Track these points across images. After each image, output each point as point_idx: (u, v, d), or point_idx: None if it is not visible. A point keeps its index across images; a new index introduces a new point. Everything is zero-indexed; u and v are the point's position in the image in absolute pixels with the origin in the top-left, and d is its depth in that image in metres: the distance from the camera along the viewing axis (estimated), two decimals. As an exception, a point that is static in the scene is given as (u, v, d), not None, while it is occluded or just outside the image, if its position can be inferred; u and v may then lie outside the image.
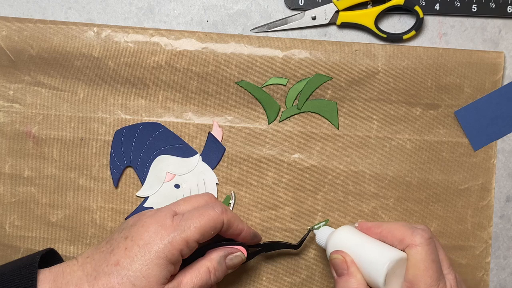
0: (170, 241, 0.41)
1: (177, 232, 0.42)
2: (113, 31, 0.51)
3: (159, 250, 0.41)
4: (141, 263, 0.40)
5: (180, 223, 0.42)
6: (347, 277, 0.43)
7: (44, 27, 0.51)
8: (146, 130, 0.52)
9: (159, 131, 0.52)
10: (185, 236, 0.42)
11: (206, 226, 0.43)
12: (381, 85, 0.51)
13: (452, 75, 0.51)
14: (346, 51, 0.51)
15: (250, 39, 0.51)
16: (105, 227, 0.52)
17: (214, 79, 0.51)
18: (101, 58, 0.51)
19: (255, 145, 0.52)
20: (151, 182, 0.51)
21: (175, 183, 0.51)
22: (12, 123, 0.52)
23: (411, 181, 0.52)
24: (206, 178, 0.51)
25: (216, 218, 0.44)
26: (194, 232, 0.42)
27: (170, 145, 0.52)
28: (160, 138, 0.52)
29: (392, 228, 0.43)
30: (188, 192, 0.51)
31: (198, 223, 0.43)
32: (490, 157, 0.52)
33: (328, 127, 0.52)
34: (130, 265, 0.40)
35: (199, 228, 0.42)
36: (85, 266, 0.42)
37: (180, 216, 0.43)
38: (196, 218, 0.43)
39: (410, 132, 0.52)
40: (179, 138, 0.52)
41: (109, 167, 0.52)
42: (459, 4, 0.52)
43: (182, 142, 0.52)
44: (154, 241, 0.41)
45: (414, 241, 0.41)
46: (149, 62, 0.51)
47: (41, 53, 0.51)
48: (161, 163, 0.51)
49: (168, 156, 0.52)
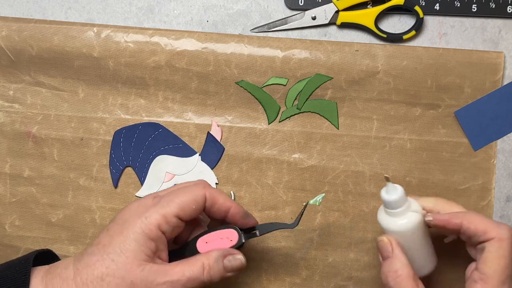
0: (147, 216, 0.42)
1: (156, 208, 0.42)
2: (113, 31, 0.51)
3: (136, 225, 0.41)
4: (119, 239, 0.41)
5: (160, 200, 0.43)
6: (391, 259, 0.43)
7: (44, 27, 0.51)
8: (145, 130, 0.52)
9: (158, 131, 0.52)
10: (164, 211, 0.42)
11: (185, 200, 0.43)
12: (381, 85, 0.51)
13: (452, 75, 0.51)
14: (346, 51, 0.51)
15: (250, 39, 0.51)
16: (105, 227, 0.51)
17: (214, 79, 0.51)
18: (101, 58, 0.51)
19: (255, 145, 0.52)
20: (150, 182, 0.51)
21: (175, 183, 0.51)
22: (12, 123, 0.52)
23: (411, 181, 0.52)
24: (205, 178, 0.51)
25: (197, 192, 0.43)
26: (172, 207, 0.42)
27: (169, 145, 0.52)
28: (159, 138, 0.52)
29: (474, 220, 0.42)
30: None
31: (177, 198, 0.43)
32: (490, 157, 0.52)
33: (328, 127, 0.52)
34: (109, 243, 0.41)
35: (178, 203, 0.42)
36: (76, 255, 0.43)
37: (161, 196, 0.44)
38: (176, 194, 0.43)
39: (410, 132, 0.52)
40: (178, 138, 0.52)
41: (108, 167, 0.52)
42: (459, 4, 0.52)
43: (181, 142, 0.52)
44: (132, 218, 0.42)
45: (501, 234, 0.40)
46: (149, 62, 0.51)
47: (41, 53, 0.51)
48: (160, 163, 0.51)
49: (168, 156, 0.52)
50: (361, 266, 0.52)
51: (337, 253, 0.52)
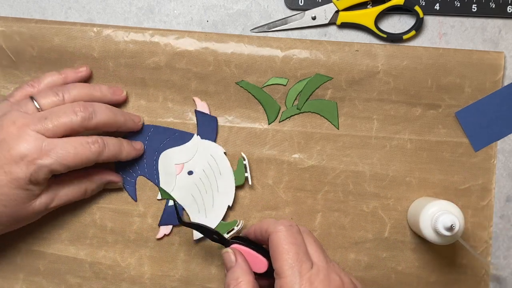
0: (35, 169, 0.43)
1: (45, 162, 0.43)
2: (113, 32, 0.51)
3: (25, 178, 0.43)
4: (9, 188, 0.43)
5: (49, 153, 0.43)
6: (233, 268, 0.43)
7: (44, 28, 0.51)
8: (137, 137, 0.51)
9: (150, 131, 0.52)
10: (53, 168, 0.44)
11: (76, 164, 0.45)
12: (381, 85, 0.51)
13: (452, 75, 0.51)
14: (346, 51, 0.51)
15: (250, 39, 0.51)
16: (105, 227, 0.52)
17: (214, 79, 0.51)
18: (101, 59, 0.51)
19: (255, 145, 0.52)
20: (164, 181, 0.51)
21: (187, 171, 0.51)
22: (12, 123, 0.52)
23: (411, 181, 0.52)
24: (212, 153, 0.51)
25: (90, 160, 0.45)
26: (61, 167, 0.44)
27: (166, 139, 0.51)
28: (154, 138, 0.52)
29: (261, 223, 0.44)
30: (203, 173, 0.51)
31: (69, 161, 0.44)
32: (490, 157, 0.52)
33: (328, 127, 0.52)
34: None
35: (68, 166, 0.44)
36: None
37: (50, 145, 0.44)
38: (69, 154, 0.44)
39: (410, 132, 0.52)
40: (171, 129, 0.51)
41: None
42: (459, 4, 0.52)
43: (175, 131, 0.52)
44: (20, 168, 0.43)
45: (275, 228, 0.42)
46: (149, 63, 0.51)
47: (41, 54, 0.51)
48: (165, 159, 0.51)
49: (170, 150, 0.51)
50: (361, 267, 0.52)
51: (337, 253, 0.52)
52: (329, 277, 0.40)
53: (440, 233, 0.45)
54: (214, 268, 0.51)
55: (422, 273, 0.51)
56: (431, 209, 0.46)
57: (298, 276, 0.39)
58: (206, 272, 0.51)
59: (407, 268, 0.51)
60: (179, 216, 0.47)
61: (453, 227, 0.44)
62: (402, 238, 0.51)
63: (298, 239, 0.42)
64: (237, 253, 0.44)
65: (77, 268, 0.51)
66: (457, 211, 0.46)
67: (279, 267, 0.40)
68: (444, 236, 0.45)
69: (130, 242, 0.51)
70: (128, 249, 0.51)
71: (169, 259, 0.52)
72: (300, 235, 0.43)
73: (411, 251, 0.51)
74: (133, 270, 0.51)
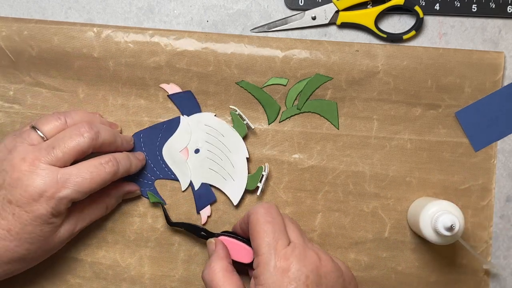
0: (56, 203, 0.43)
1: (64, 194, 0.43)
2: (113, 31, 0.51)
3: (47, 213, 0.43)
4: (33, 226, 0.43)
5: (65, 185, 0.43)
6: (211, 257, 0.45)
7: (44, 27, 0.51)
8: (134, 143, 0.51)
9: (141, 137, 0.52)
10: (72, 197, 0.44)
11: (94, 188, 0.45)
12: (381, 85, 0.51)
13: (452, 75, 0.51)
14: (346, 51, 0.51)
15: (250, 39, 0.51)
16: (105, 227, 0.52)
17: (214, 80, 0.51)
18: (101, 59, 0.51)
19: (255, 145, 0.52)
20: (179, 171, 0.51)
21: (194, 150, 0.51)
22: (12, 123, 0.52)
23: (411, 181, 0.52)
24: (205, 122, 0.51)
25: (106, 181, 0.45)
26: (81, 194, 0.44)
27: (159, 135, 0.51)
28: (148, 141, 0.52)
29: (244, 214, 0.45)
30: (209, 145, 0.51)
31: (86, 186, 0.44)
32: (491, 157, 0.52)
33: (328, 127, 0.52)
34: (23, 230, 0.43)
35: (87, 192, 0.44)
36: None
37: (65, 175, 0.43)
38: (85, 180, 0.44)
39: (410, 132, 0.52)
40: (158, 124, 0.52)
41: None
42: (459, 4, 0.52)
43: (163, 123, 0.52)
44: (41, 205, 0.43)
45: (254, 210, 0.43)
46: (150, 63, 0.51)
47: (41, 54, 0.51)
48: (168, 152, 0.51)
49: (167, 142, 0.51)
50: (362, 267, 0.52)
51: (337, 253, 0.52)
52: (305, 253, 0.41)
53: (440, 233, 0.45)
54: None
55: (422, 273, 0.51)
56: (431, 209, 0.46)
57: (273, 253, 0.40)
58: None
59: (407, 268, 0.51)
60: (168, 218, 0.49)
61: (453, 227, 0.44)
62: (402, 238, 0.52)
63: (276, 218, 0.43)
64: (218, 242, 0.46)
65: (77, 268, 0.51)
66: (457, 211, 0.46)
67: (256, 245, 0.41)
68: (444, 236, 0.45)
69: (130, 242, 0.51)
70: (128, 249, 0.51)
71: (169, 259, 0.51)
72: (279, 215, 0.43)
73: (411, 251, 0.51)
74: (133, 270, 0.51)
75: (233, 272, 0.43)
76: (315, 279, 0.40)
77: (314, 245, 0.43)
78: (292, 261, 0.40)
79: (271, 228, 0.42)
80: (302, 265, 0.40)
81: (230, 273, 0.43)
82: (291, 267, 0.40)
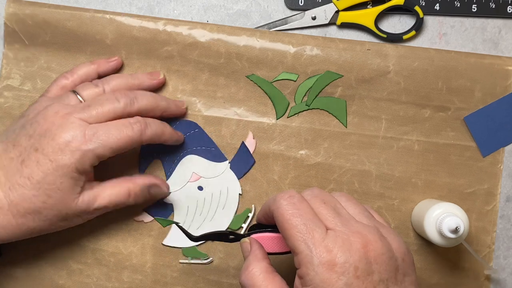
0: (81, 155, 0.43)
1: (89, 147, 0.43)
2: (127, 19, 0.51)
3: (71, 165, 0.43)
4: (54, 177, 0.43)
5: (92, 138, 0.43)
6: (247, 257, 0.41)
7: (58, 12, 0.51)
8: (180, 128, 0.51)
9: (194, 130, 0.51)
10: (98, 152, 0.44)
11: (120, 146, 0.44)
12: (392, 85, 0.51)
13: (463, 78, 0.51)
14: (358, 49, 0.51)
15: (263, 33, 0.51)
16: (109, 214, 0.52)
17: (225, 72, 0.51)
18: (113, 46, 0.51)
19: (262, 140, 0.52)
20: (175, 178, 0.51)
21: (199, 185, 0.51)
22: (20, 106, 0.52)
23: (417, 182, 0.52)
24: (229, 187, 0.51)
25: (133, 140, 0.45)
26: (107, 151, 0.44)
27: (201, 147, 0.51)
28: (193, 138, 0.51)
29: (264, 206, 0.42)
30: (210, 196, 0.51)
31: (113, 143, 0.44)
32: (498, 162, 0.52)
33: (336, 125, 0.52)
34: (44, 179, 0.43)
35: (113, 149, 0.44)
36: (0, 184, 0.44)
37: (93, 129, 0.44)
38: (112, 136, 0.44)
39: (418, 133, 0.52)
40: (212, 142, 0.51)
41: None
42: (459, 4, 0.52)
43: (214, 146, 0.51)
44: (65, 155, 0.43)
45: (275, 205, 0.39)
46: (162, 52, 0.51)
47: (54, 38, 0.51)
48: (189, 162, 0.51)
49: (198, 157, 0.51)
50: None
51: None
52: (349, 239, 0.36)
53: (444, 235, 0.45)
54: (216, 260, 0.51)
55: (424, 275, 0.51)
56: (437, 211, 0.46)
57: (313, 248, 0.36)
58: (207, 265, 0.51)
59: (409, 269, 0.51)
60: (189, 234, 0.44)
61: (458, 230, 0.44)
62: (405, 239, 0.51)
63: (301, 209, 0.38)
64: (253, 242, 0.42)
65: (80, 253, 0.51)
66: (462, 214, 0.46)
67: (291, 244, 0.37)
68: (448, 238, 0.45)
69: (133, 231, 0.52)
70: (131, 237, 0.52)
71: (171, 249, 0.52)
72: (304, 202, 0.39)
73: (413, 253, 0.51)
74: (135, 259, 0.51)
75: (274, 272, 0.40)
76: (365, 268, 0.35)
77: (354, 222, 0.38)
78: (337, 252, 0.35)
79: (301, 221, 0.37)
80: (348, 255, 0.35)
81: (271, 274, 0.39)
82: (336, 260, 0.35)
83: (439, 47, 0.52)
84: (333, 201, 0.40)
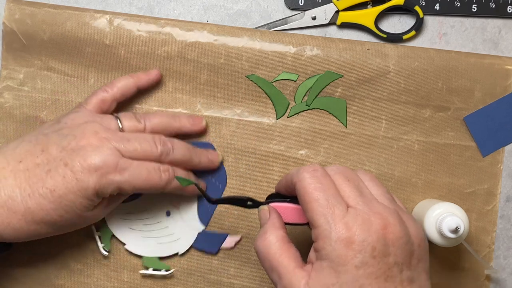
0: (107, 183, 0.43)
1: (117, 179, 0.43)
2: (126, 19, 0.51)
3: (94, 188, 0.43)
4: (76, 196, 0.43)
5: (122, 172, 0.44)
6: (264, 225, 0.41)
7: (57, 12, 0.51)
8: None
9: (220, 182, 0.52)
10: (122, 186, 0.44)
11: (143, 188, 0.45)
12: (392, 85, 0.51)
13: (463, 78, 0.51)
14: (358, 49, 0.51)
15: (263, 34, 0.51)
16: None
17: (225, 72, 0.51)
18: (112, 46, 0.51)
19: (262, 140, 0.52)
20: None
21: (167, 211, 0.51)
22: (20, 106, 0.52)
23: (417, 182, 0.52)
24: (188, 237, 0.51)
25: (157, 187, 0.46)
26: (130, 188, 0.44)
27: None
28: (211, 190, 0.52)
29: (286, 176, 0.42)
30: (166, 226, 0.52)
31: (139, 183, 0.44)
32: (498, 162, 0.52)
33: (336, 125, 0.52)
34: (65, 196, 0.43)
35: (136, 188, 0.45)
36: (18, 175, 0.43)
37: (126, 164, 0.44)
38: (140, 177, 0.44)
39: (418, 133, 0.52)
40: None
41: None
42: (459, 4, 0.52)
43: None
44: (92, 178, 0.43)
45: (298, 177, 0.39)
46: (161, 52, 0.51)
47: (53, 38, 0.51)
48: None
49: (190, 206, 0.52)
50: (363, 265, 0.52)
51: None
52: (369, 219, 0.36)
53: (444, 235, 0.45)
54: (216, 260, 0.51)
55: (424, 275, 0.51)
56: (437, 211, 0.46)
57: (332, 223, 0.36)
58: (207, 264, 0.51)
59: (409, 269, 0.51)
60: (208, 196, 0.44)
61: (458, 229, 0.44)
62: (405, 239, 0.52)
63: (324, 183, 0.38)
64: (272, 210, 0.42)
65: (80, 253, 0.51)
66: (462, 214, 0.46)
67: (310, 217, 0.37)
68: (448, 238, 0.45)
69: (133, 231, 0.52)
70: (131, 237, 0.52)
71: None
72: (327, 177, 0.38)
73: (413, 253, 0.51)
74: (135, 259, 0.51)
75: (290, 243, 0.40)
76: (382, 249, 0.35)
77: (379, 203, 0.38)
78: (356, 230, 0.35)
79: (323, 196, 0.37)
80: (367, 234, 0.35)
81: (287, 244, 0.39)
82: (355, 238, 0.35)
83: (439, 47, 0.52)
84: (356, 179, 0.39)
